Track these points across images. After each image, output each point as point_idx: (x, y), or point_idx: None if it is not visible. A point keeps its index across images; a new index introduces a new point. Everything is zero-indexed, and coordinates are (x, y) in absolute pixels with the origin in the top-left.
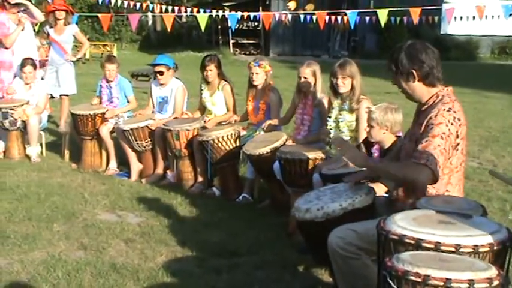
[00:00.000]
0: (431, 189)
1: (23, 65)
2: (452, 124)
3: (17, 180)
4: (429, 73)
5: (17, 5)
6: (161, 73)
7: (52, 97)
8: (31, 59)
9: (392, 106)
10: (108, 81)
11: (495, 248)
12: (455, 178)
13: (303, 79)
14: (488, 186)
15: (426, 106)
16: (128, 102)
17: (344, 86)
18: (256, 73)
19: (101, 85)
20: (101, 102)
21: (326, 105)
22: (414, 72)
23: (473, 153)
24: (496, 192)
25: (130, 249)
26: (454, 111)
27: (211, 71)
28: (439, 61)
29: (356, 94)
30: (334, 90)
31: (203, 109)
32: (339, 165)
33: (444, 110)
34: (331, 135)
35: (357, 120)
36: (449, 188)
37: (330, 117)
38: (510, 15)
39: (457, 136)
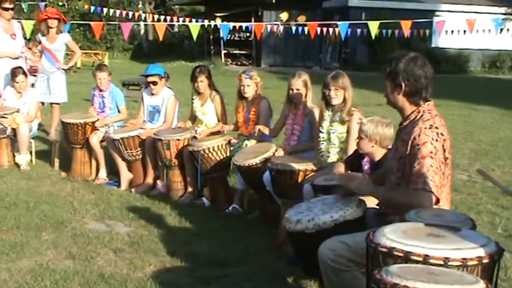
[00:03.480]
0: None
1: (14, 74)
2: (436, 141)
3: (5, 188)
4: (416, 92)
5: (11, 10)
6: (154, 83)
7: (41, 103)
8: (21, 67)
9: (385, 120)
10: (101, 90)
11: (484, 261)
12: (444, 192)
13: (295, 90)
14: (477, 199)
15: (408, 122)
16: (119, 111)
17: (336, 97)
18: (248, 85)
19: (94, 94)
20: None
21: (317, 116)
22: (403, 85)
23: (462, 166)
24: (485, 205)
25: (119, 259)
26: (436, 127)
27: (202, 82)
28: (432, 82)
29: (347, 106)
30: (326, 101)
31: (194, 118)
32: (331, 176)
33: (426, 128)
34: (321, 147)
35: (348, 132)
36: (440, 203)
37: (322, 128)
38: (501, 29)
39: (444, 151)
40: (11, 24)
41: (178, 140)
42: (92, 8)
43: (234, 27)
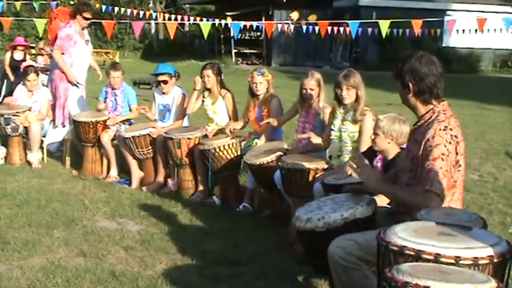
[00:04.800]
0: None
1: (26, 73)
2: (450, 143)
3: (17, 186)
4: (424, 91)
5: (90, 19)
6: (165, 82)
7: None
8: (33, 66)
9: (401, 117)
10: (113, 89)
11: (495, 260)
12: (457, 193)
13: (309, 90)
14: (489, 199)
15: (422, 121)
16: (130, 110)
17: (349, 97)
18: (260, 82)
19: (106, 91)
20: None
21: (328, 115)
22: (410, 84)
23: (474, 165)
24: (496, 205)
25: (130, 257)
26: (450, 129)
27: (209, 77)
28: (441, 79)
29: (361, 105)
30: (338, 100)
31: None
32: (342, 175)
33: (440, 129)
34: (332, 146)
35: (360, 131)
36: (452, 204)
37: (333, 126)
38: None
39: (456, 153)
40: (83, 30)
41: (189, 138)
42: (104, 7)
43: (245, 26)
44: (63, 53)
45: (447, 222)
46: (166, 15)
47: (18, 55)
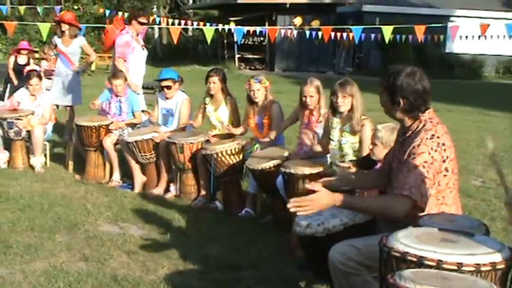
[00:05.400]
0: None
1: (29, 77)
2: (436, 151)
3: (20, 190)
4: (415, 108)
5: (145, 24)
6: (169, 87)
7: (56, 106)
8: (35, 70)
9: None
10: (117, 96)
11: (497, 267)
12: (449, 198)
13: (308, 97)
14: (491, 205)
15: (410, 132)
16: (134, 116)
17: (344, 104)
18: (258, 89)
19: (111, 96)
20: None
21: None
22: (401, 102)
23: (476, 172)
24: (499, 211)
25: (132, 261)
26: (438, 137)
27: (214, 83)
28: (430, 94)
29: (356, 114)
30: (333, 109)
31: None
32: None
33: (427, 138)
34: (333, 154)
35: (361, 142)
36: (445, 208)
37: (332, 136)
38: None
39: (444, 161)
40: (138, 36)
41: (191, 143)
42: (107, 11)
43: (248, 31)
44: (124, 60)
45: (449, 228)
46: (170, 20)
47: (21, 59)
